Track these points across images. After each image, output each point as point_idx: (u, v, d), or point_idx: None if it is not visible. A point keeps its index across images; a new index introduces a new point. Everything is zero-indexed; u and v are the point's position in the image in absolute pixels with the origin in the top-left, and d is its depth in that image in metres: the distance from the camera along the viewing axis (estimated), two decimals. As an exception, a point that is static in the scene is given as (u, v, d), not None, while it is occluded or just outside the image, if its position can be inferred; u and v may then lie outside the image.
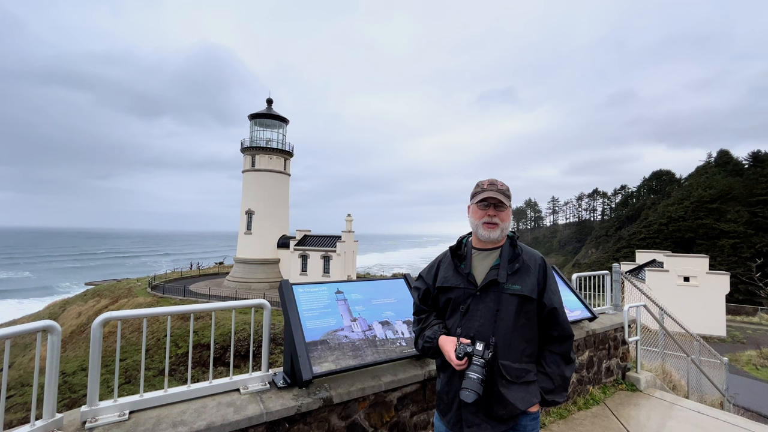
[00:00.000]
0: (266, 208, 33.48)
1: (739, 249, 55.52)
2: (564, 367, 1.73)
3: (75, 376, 17.85)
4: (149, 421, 1.95)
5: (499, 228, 1.77)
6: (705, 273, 23.50)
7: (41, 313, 31.74)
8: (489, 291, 1.73)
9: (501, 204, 1.77)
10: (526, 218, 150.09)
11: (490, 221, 1.77)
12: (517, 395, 1.64)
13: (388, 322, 2.89)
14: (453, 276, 1.84)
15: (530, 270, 1.75)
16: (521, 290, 1.70)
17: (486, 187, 1.80)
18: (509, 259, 1.76)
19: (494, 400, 1.65)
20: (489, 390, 1.64)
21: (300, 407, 2.22)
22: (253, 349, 2.64)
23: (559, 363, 1.73)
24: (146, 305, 24.50)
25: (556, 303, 1.73)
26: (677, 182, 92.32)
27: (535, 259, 1.79)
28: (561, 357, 1.74)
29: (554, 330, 1.74)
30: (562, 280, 4.55)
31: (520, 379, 1.67)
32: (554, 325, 1.73)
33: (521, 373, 1.68)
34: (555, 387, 1.70)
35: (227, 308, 2.44)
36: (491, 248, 1.83)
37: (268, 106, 35.36)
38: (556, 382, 1.71)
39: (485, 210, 1.78)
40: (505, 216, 1.79)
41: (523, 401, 1.65)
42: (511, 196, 1.82)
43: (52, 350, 1.83)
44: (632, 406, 4.03)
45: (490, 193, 1.76)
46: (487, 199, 1.77)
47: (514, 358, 1.68)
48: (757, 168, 67.00)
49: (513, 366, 1.67)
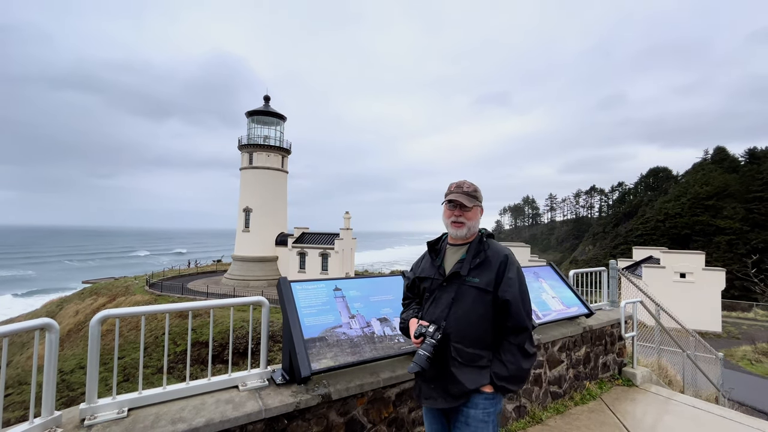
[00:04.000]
0: (264, 205, 33.40)
1: (734, 245, 55.89)
2: (521, 359, 1.83)
3: (73, 374, 17.81)
4: (148, 418, 1.96)
5: (465, 226, 1.96)
6: (701, 269, 23.63)
7: (38, 311, 31.64)
8: (453, 282, 1.93)
9: (465, 205, 1.95)
10: (524, 215, 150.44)
11: (457, 220, 1.97)
12: (467, 376, 1.82)
13: (386, 319, 2.90)
14: (429, 268, 2.07)
15: (491, 265, 1.90)
16: (479, 283, 1.88)
17: (453, 189, 2.00)
18: (474, 255, 1.94)
19: (447, 378, 1.86)
20: (443, 369, 1.87)
21: (299, 404, 2.23)
22: (252, 346, 2.64)
23: (515, 353, 1.84)
24: (144, 303, 24.46)
25: (509, 296, 1.84)
26: (674, 179, 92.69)
27: (498, 255, 1.93)
28: (518, 348, 1.84)
29: (508, 321, 1.85)
30: (559, 277, 4.58)
31: (472, 362, 1.84)
32: (508, 317, 1.85)
33: (473, 358, 1.85)
34: (509, 375, 1.82)
35: (225, 306, 2.44)
36: (461, 244, 2.02)
37: (265, 103, 35.16)
38: (511, 371, 1.82)
39: (452, 210, 1.98)
40: (472, 215, 1.98)
41: (473, 381, 1.82)
42: (478, 196, 2.00)
43: (50, 348, 1.83)
44: (628, 401, 4.07)
45: (454, 195, 1.97)
46: (452, 200, 1.96)
47: (467, 343, 1.85)
48: (753, 165, 67.35)
49: (465, 350, 1.85)
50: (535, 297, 3.95)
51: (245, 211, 33.32)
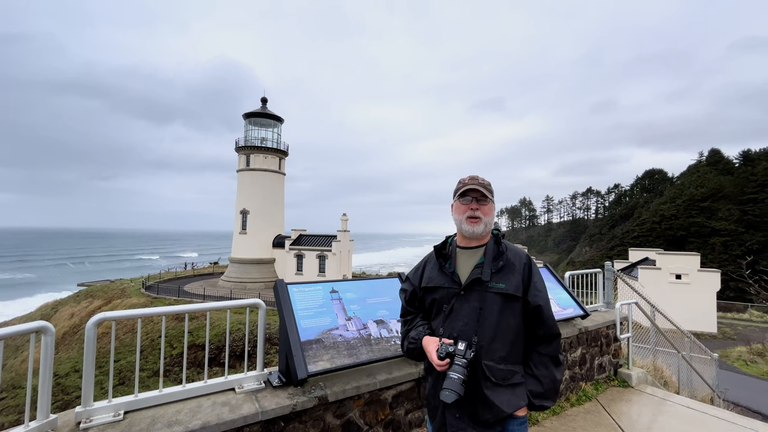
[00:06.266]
0: (261, 207, 33.32)
1: (729, 246, 56.27)
2: (554, 370, 1.66)
3: (68, 377, 17.65)
4: (144, 421, 1.96)
5: (482, 222, 1.74)
6: (696, 270, 23.81)
7: (33, 314, 31.35)
8: (473, 290, 1.69)
9: (483, 197, 1.74)
10: (521, 217, 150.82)
11: (473, 215, 1.73)
12: (502, 398, 1.58)
13: (383, 321, 2.91)
14: (438, 276, 1.80)
15: (515, 268, 1.70)
16: (505, 288, 1.65)
17: (467, 181, 1.78)
18: (493, 257, 1.72)
19: (479, 402, 1.59)
20: (473, 392, 1.59)
21: (295, 406, 2.23)
22: (249, 348, 2.64)
23: (548, 365, 1.66)
24: (140, 306, 24.29)
25: (540, 301, 1.67)
26: (669, 181, 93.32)
27: (520, 257, 1.75)
28: (550, 358, 1.67)
29: (540, 329, 1.68)
30: (555, 279, 4.60)
31: (506, 381, 1.61)
32: (539, 324, 1.67)
33: (507, 375, 1.61)
34: (545, 390, 1.63)
35: (222, 308, 2.45)
36: (475, 246, 1.79)
37: (262, 105, 35.12)
38: (546, 386, 1.63)
39: (468, 204, 1.75)
40: (488, 210, 1.76)
41: (509, 404, 1.58)
42: (493, 191, 1.79)
43: (45, 351, 1.82)
44: (624, 401, 4.09)
45: (471, 185, 1.74)
46: (469, 192, 1.75)
47: (499, 359, 1.62)
48: (748, 167, 67.92)
49: (498, 367, 1.61)
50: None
51: (242, 213, 33.23)
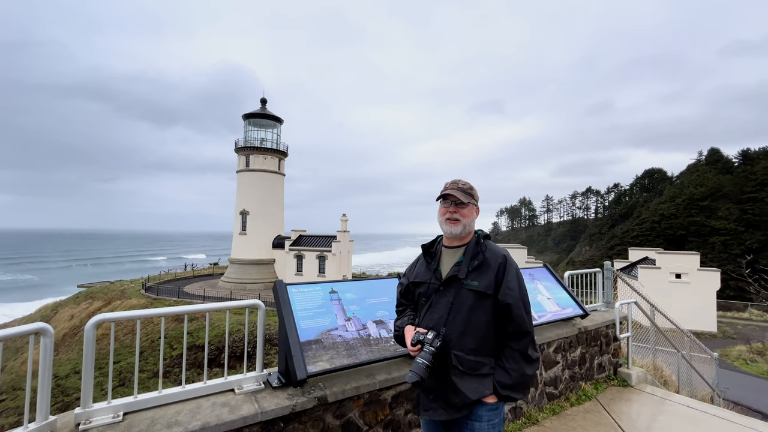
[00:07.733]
0: (261, 208, 33.31)
1: (729, 246, 56.29)
2: (524, 365, 1.77)
3: (68, 379, 17.64)
4: (144, 422, 1.96)
5: (460, 224, 1.89)
6: (696, 270, 23.81)
7: (32, 315, 31.32)
8: (451, 286, 1.86)
9: (461, 201, 1.89)
10: (520, 217, 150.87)
11: (452, 217, 1.90)
12: (469, 385, 1.74)
13: (382, 321, 2.91)
14: (424, 272, 1.99)
15: (490, 267, 1.84)
16: (478, 286, 1.80)
17: (448, 186, 1.95)
18: (472, 256, 1.88)
19: (448, 388, 1.77)
20: (443, 378, 1.77)
21: (295, 406, 2.23)
22: (248, 349, 2.64)
23: (519, 360, 1.77)
24: (140, 307, 24.27)
25: (510, 299, 1.78)
26: (669, 180, 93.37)
27: (496, 257, 1.87)
28: (520, 354, 1.78)
29: (509, 325, 1.79)
30: (554, 278, 4.61)
31: (474, 370, 1.76)
32: (509, 321, 1.79)
33: (475, 365, 1.77)
34: (513, 383, 1.75)
35: (222, 309, 2.45)
36: (458, 245, 1.95)
37: (262, 106, 35.12)
38: (515, 379, 1.75)
39: (447, 207, 1.91)
40: (467, 213, 1.91)
41: (475, 391, 1.73)
42: (474, 195, 1.94)
43: (45, 353, 1.82)
44: (624, 401, 4.09)
45: (449, 190, 1.91)
46: (447, 196, 1.90)
47: (468, 350, 1.77)
48: (747, 166, 67.97)
49: (467, 358, 1.76)
50: (530, 298, 3.97)
51: (242, 213, 33.22)
